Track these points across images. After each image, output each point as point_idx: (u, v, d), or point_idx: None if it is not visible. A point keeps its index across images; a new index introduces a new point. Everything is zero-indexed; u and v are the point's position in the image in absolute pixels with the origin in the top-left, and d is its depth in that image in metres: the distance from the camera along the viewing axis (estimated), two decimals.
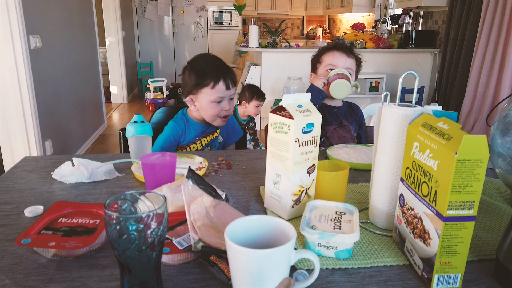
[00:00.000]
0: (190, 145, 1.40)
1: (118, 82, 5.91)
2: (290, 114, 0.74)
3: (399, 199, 0.66)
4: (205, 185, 0.75)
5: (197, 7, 7.03)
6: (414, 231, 0.61)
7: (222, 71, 1.36)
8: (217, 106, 1.36)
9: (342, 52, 1.45)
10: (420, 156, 0.58)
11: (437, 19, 4.51)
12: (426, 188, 0.57)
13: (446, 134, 0.54)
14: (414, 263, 0.62)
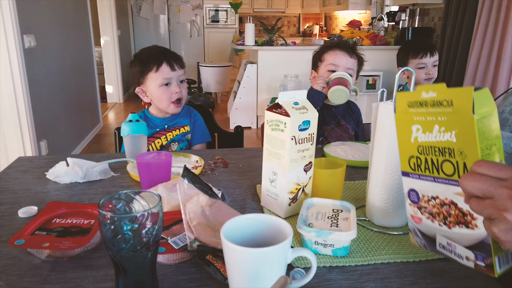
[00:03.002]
0: (154, 140, 1.39)
1: (113, 82, 5.88)
2: (286, 112, 0.74)
3: (409, 196, 0.58)
4: (201, 184, 0.74)
5: (193, 5, 7.00)
6: (446, 220, 0.53)
7: (164, 53, 1.40)
8: (166, 90, 1.38)
9: (345, 51, 1.43)
10: (428, 136, 0.52)
11: (433, 16, 4.51)
12: (449, 166, 0.50)
13: (445, 101, 0.49)
14: (459, 256, 0.54)
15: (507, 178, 0.43)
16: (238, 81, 4.60)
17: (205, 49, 7.38)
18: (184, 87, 1.45)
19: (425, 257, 0.65)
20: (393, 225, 0.74)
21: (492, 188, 0.43)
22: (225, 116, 5.11)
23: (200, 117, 1.51)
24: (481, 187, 0.44)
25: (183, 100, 1.45)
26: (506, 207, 0.42)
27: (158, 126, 1.44)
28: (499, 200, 0.43)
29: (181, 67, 1.43)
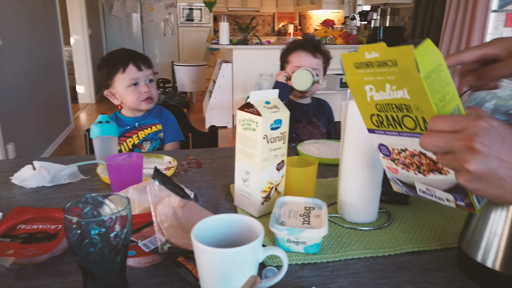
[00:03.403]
0: (126, 139, 1.39)
1: (85, 82, 5.73)
2: (257, 111, 0.74)
3: (381, 150, 0.59)
4: (172, 185, 0.73)
5: (166, 4, 6.91)
6: (420, 169, 0.54)
7: (130, 55, 1.41)
8: (135, 90, 1.38)
9: (308, 52, 1.46)
10: (382, 95, 0.51)
11: (403, 16, 4.63)
12: (409, 121, 0.51)
13: (389, 61, 0.48)
14: (440, 199, 0.56)
15: (462, 129, 0.44)
16: (214, 80, 4.57)
17: (179, 48, 7.30)
18: (153, 86, 1.44)
19: (394, 251, 0.66)
20: (364, 221, 0.76)
21: (450, 143, 0.45)
22: (201, 115, 5.08)
23: (172, 116, 1.50)
24: (440, 145, 0.46)
25: (154, 98, 1.44)
26: (465, 159, 0.44)
27: (129, 124, 1.43)
28: (458, 153, 0.44)
29: (149, 67, 1.43)
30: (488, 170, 0.43)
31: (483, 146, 0.43)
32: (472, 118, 0.45)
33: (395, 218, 0.78)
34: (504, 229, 0.55)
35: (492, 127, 0.44)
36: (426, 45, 0.46)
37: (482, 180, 0.44)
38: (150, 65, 1.45)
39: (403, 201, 0.84)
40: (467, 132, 0.44)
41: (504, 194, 0.44)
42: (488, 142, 0.43)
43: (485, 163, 0.43)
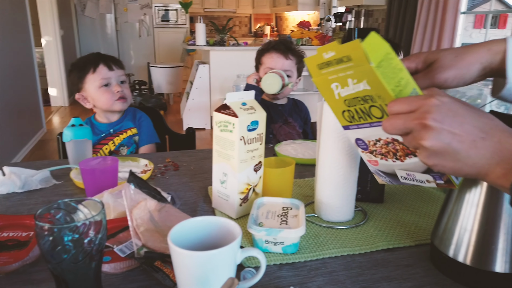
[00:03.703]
0: (102, 147, 1.36)
1: (57, 84, 5.58)
2: (234, 113, 0.74)
3: (358, 145, 0.61)
4: (148, 188, 0.72)
5: (141, 4, 6.81)
6: (397, 156, 0.57)
7: (100, 56, 1.39)
8: (107, 90, 1.36)
9: (280, 54, 1.47)
10: (347, 90, 0.54)
11: (377, 17, 4.72)
12: (376, 110, 0.53)
13: (344, 57, 0.50)
14: (421, 182, 0.58)
15: (416, 109, 0.47)
16: (191, 82, 4.54)
17: (155, 49, 7.21)
18: (126, 87, 1.42)
19: (370, 249, 0.67)
20: (340, 220, 0.77)
21: (406, 124, 0.47)
22: (178, 117, 5.03)
23: (146, 118, 1.48)
24: (398, 127, 0.48)
25: (128, 99, 1.41)
26: (421, 136, 0.46)
27: (104, 131, 1.40)
28: (415, 132, 0.47)
29: (120, 67, 1.41)
30: (442, 144, 0.45)
31: (435, 122, 0.45)
32: (424, 97, 0.47)
33: (371, 216, 0.80)
34: (474, 225, 0.57)
35: (443, 103, 0.46)
36: (372, 37, 0.49)
37: (439, 155, 0.46)
38: (122, 66, 1.43)
39: (378, 199, 0.86)
40: (420, 111, 0.46)
41: (461, 167, 0.46)
42: (440, 118, 0.45)
43: (438, 138, 0.45)
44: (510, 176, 0.43)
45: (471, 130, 0.45)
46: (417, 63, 0.63)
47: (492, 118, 0.46)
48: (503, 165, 0.44)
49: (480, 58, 0.59)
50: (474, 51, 0.59)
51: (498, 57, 0.58)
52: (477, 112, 0.46)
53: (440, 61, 0.61)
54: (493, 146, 0.45)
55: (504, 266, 0.55)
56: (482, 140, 0.45)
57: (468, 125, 0.45)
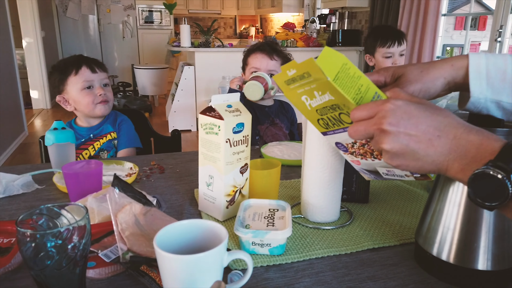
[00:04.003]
0: (82, 152, 1.34)
1: (39, 86, 5.47)
2: (219, 115, 0.73)
3: (340, 148, 0.64)
4: (133, 192, 0.72)
5: (125, 5, 6.74)
6: (373, 154, 0.59)
7: (82, 58, 1.37)
8: (89, 93, 1.34)
9: (265, 54, 1.48)
10: (316, 101, 0.57)
11: (360, 19, 4.78)
12: (345, 116, 0.56)
13: (304, 74, 0.54)
14: (401, 176, 0.60)
15: (374, 114, 0.49)
16: (176, 83, 4.51)
17: (139, 51, 7.14)
18: (109, 90, 1.40)
19: (356, 249, 0.68)
20: (326, 220, 0.77)
21: (367, 130, 0.50)
22: (164, 119, 4.99)
23: (127, 121, 1.45)
24: (361, 133, 0.51)
25: (110, 102, 1.39)
26: (381, 140, 0.49)
27: (84, 136, 1.38)
28: (376, 136, 0.50)
29: (103, 70, 1.39)
30: (401, 146, 0.48)
31: (391, 126, 0.48)
32: (380, 102, 0.50)
33: (356, 216, 0.80)
34: (457, 224, 0.58)
35: (398, 107, 0.48)
36: (326, 52, 0.53)
37: (400, 156, 0.49)
38: (105, 69, 1.41)
39: (363, 199, 0.86)
40: (377, 116, 0.49)
41: (422, 165, 0.49)
42: (395, 121, 0.48)
43: (397, 141, 0.48)
44: (467, 171, 0.45)
45: (427, 130, 0.47)
46: (386, 77, 0.66)
47: (447, 115, 0.49)
48: (460, 161, 0.46)
49: (444, 73, 0.62)
50: (438, 67, 0.62)
51: (461, 72, 0.61)
52: (432, 111, 0.49)
53: (407, 76, 0.63)
54: (449, 143, 0.47)
55: (486, 263, 0.56)
56: (438, 138, 0.47)
57: (423, 125, 0.47)
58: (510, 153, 0.42)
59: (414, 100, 0.50)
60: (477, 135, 0.46)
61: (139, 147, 1.44)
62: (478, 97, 0.59)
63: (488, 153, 0.44)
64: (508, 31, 2.93)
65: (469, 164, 0.45)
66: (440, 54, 3.73)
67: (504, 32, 2.92)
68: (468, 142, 0.46)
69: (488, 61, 0.59)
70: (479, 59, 0.60)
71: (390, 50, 1.98)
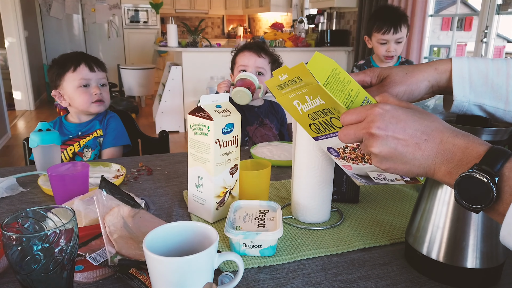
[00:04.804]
0: (66, 147, 1.33)
1: (22, 87, 5.36)
2: (209, 115, 0.73)
3: (331, 153, 0.64)
4: (121, 194, 0.70)
5: (110, 4, 6.64)
6: (364, 159, 0.60)
7: (83, 55, 1.37)
8: (85, 91, 1.34)
9: (252, 52, 1.48)
10: (307, 106, 0.58)
11: (348, 19, 4.81)
12: (336, 121, 0.57)
13: (295, 78, 0.55)
14: (391, 180, 0.61)
15: (364, 118, 0.50)
16: (163, 84, 4.47)
17: (125, 51, 7.06)
18: (106, 90, 1.39)
19: (346, 249, 0.68)
20: (317, 221, 0.77)
21: (357, 134, 0.51)
22: (151, 120, 4.94)
23: (116, 119, 1.43)
24: (351, 137, 0.52)
25: (106, 102, 1.39)
26: (370, 144, 0.50)
27: (72, 133, 1.37)
28: (365, 140, 0.51)
29: (102, 70, 1.38)
30: (389, 150, 0.49)
31: (379, 130, 0.48)
32: (369, 107, 0.50)
33: (347, 216, 0.81)
34: (446, 222, 0.58)
35: (386, 111, 0.49)
36: (316, 58, 0.54)
37: (389, 160, 0.50)
38: (104, 69, 1.40)
39: (353, 199, 0.87)
40: (366, 120, 0.50)
41: (410, 168, 0.50)
42: (383, 126, 0.48)
43: (385, 144, 0.49)
44: (454, 174, 0.46)
45: (414, 134, 0.48)
46: (372, 78, 0.67)
47: (434, 120, 0.49)
48: (446, 164, 0.47)
49: (428, 77, 0.63)
50: (423, 70, 0.63)
51: (445, 76, 0.62)
52: (419, 115, 0.49)
53: (392, 77, 0.64)
54: (435, 147, 0.47)
55: (474, 261, 0.57)
56: (425, 142, 0.48)
57: (410, 129, 0.48)
58: (494, 157, 0.43)
59: (402, 104, 0.51)
60: (463, 139, 0.46)
61: (128, 144, 1.42)
62: (461, 101, 0.60)
63: (473, 157, 0.45)
64: (493, 32, 2.98)
65: (455, 168, 0.46)
66: (428, 55, 3.78)
67: (490, 33, 2.98)
68: (454, 146, 0.46)
69: (470, 65, 0.60)
70: (462, 63, 0.61)
71: (384, 37, 1.90)
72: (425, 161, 0.48)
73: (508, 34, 7.51)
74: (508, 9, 2.97)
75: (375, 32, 1.94)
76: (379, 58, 2.07)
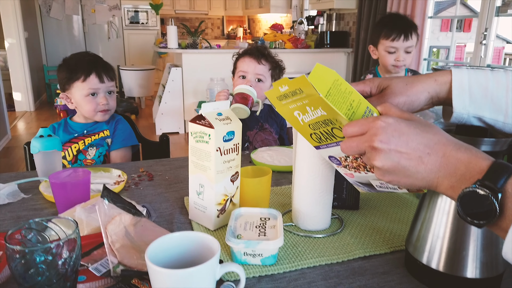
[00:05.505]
0: (71, 145, 1.34)
1: (22, 88, 5.36)
2: (210, 123, 0.73)
3: (333, 161, 0.64)
4: (123, 202, 0.71)
5: (110, 5, 6.65)
6: (367, 168, 0.60)
7: (94, 64, 1.36)
8: (92, 100, 1.35)
9: (253, 58, 1.48)
10: (308, 116, 0.58)
11: (348, 21, 4.82)
12: (338, 131, 0.56)
13: (296, 90, 0.55)
14: (394, 189, 0.60)
15: (366, 131, 0.50)
16: (163, 85, 4.47)
17: (125, 52, 7.06)
18: (113, 98, 1.41)
19: (347, 257, 0.68)
20: (318, 228, 0.78)
21: (359, 146, 0.51)
22: (151, 121, 4.94)
23: (122, 120, 1.46)
24: (353, 149, 0.52)
25: (111, 110, 1.40)
26: (372, 157, 0.50)
27: (77, 131, 1.39)
28: (367, 153, 0.51)
29: (111, 79, 1.39)
30: (392, 163, 0.49)
31: (382, 143, 0.49)
32: (371, 119, 0.51)
33: (347, 223, 0.81)
34: (446, 232, 0.59)
35: (389, 124, 0.49)
36: (317, 69, 0.54)
37: (391, 173, 0.50)
38: (113, 77, 1.41)
39: (353, 206, 0.87)
40: (369, 133, 0.50)
41: (413, 181, 0.50)
42: (386, 139, 0.49)
43: (388, 158, 0.49)
44: (456, 189, 0.47)
45: (417, 147, 0.48)
46: (372, 88, 0.67)
47: (436, 132, 0.50)
48: (449, 178, 0.47)
49: (428, 88, 0.63)
50: (423, 81, 0.64)
51: (445, 87, 0.62)
52: (422, 128, 0.50)
53: (392, 88, 0.64)
54: (438, 161, 0.48)
55: (474, 271, 0.57)
56: (428, 156, 0.48)
57: (413, 142, 0.48)
58: (497, 172, 0.43)
59: (405, 116, 0.51)
60: (466, 153, 0.47)
61: (136, 144, 1.45)
62: (460, 112, 0.60)
63: (476, 172, 0.45)
64: (493, 34, 2.98)
65: (458, 182, 0.46)
66: (427, 56, 3.78)
67: (489, 35, 2.98)
68: (457, 160, 0.47)
69: (470, 77, 0.60)
70: (461, 75, 0.61)
71: (393, 44, 1.73)
72: (428, 174, 0.48)
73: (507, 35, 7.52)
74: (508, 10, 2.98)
75: (383, 39, 1.78)
76: (386, 69, 1.90)
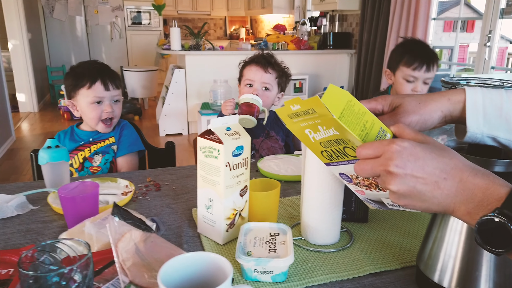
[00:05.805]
0: (77, 153, 1.35)
1: (26, 89, 5.38)
2: (219, 139, 0.73)
3: (344, 178, 0.64)
4: (133, 219, 0.71)
5: (113, 6, 6.66)
6: (379, 186, 0.59)
7: (101, 72, 1.37)
8: (97, 108, 1.35)
9: (259, 67, 1.48)
10: (320, 135, 0.58)
11: (351, 22, 4.80)
12: (350, 150, 0.56)
13: (309, 110, 0.54)
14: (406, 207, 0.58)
15: (381, 154, 0.50)
16: (166, 87, 4.47)
17: (128, 53, 7.07)
18: (118, 106, 1.40)
19: (358, 274, 0.68)
20: (327, 243, 0.78)
21: (374, 169, 0.51)
22: (154, 122, 4.95)
23: (128, 126, 1.46)
24: (367, 172, 0.52)
25: (115, 119, 1.40)
26: (387, 181, 0.50)
27: (83, 139, 1.39)
28: (382, 176, 0.50)
29: (117, 87, 1.38)
30: (407, 188, 0.49)
31: (397, 168, 0.48)
32: (386, 143, 0.50)
33: (356, 237, 0.81)
34: (458, 252, 0.58)
35: (404, 148, 0.49)
36: (330, 90, 0.54)
37: (407, 197, 0.50)
38: (119, 85, 1.40)
39: (362, 218, 0.87)
40: (384, 157, 0.49)
41: (429, 206, 0.50)
42: (402, 164, 0.48)
43: (403, 183, 0.48)
44: (474, 215, 0.46)
45: (433, 172, 0.48)
46: (384, 106, 0.67)
47: (452, 157, 0.49)
48: (466, 204, 0.47)
49: (441, 107, 0.63)
50: (436, 100, 0.63)
51: (458, 106, 0.62)
52: (438, 152, 0.49)
53: (405, 106, 0.64)
54: (455, 186, 0.47)
55: None
56: (444, 181, 0.48)
57: (429, 167, 0.48)
58: None
59: (419, 138, 0.51)
60: (483, 178, 0.46)
61: (142, 149, 1.45)
62: (475, 132, 0.60)
63: (494, 199, 0.45)
64: (497, 36, 2.97)
65: (475, 208, 0.46)
66: None
67: (493, 37, 2.96)
68: (474, 186, 0.46)
69: (484, 96, 0.60)
70: (475, 94, 0.60)
71: (414, 73, 1.61)
72: (444, 199, 0.48)
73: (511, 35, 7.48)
74: None
75: (404, 66, 1.63)
76: None
